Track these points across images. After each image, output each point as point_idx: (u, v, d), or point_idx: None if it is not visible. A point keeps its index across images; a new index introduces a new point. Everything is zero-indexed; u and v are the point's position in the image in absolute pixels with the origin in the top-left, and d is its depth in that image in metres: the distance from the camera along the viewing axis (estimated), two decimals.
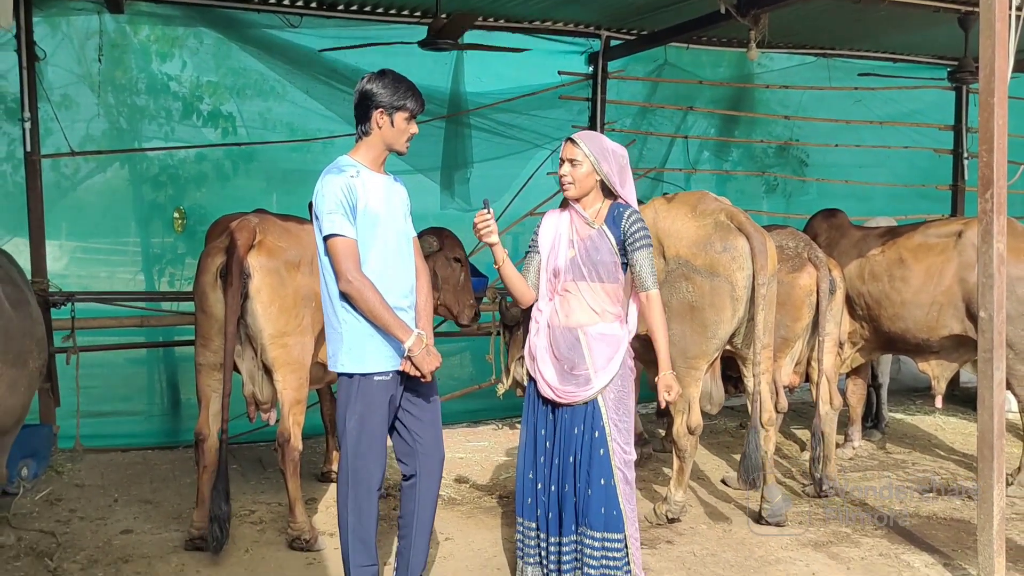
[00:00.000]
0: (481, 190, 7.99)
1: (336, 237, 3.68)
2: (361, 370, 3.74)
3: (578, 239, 4.01)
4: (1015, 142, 9.12)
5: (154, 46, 7.09)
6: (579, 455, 3.94)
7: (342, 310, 3.76)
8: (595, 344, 3.96)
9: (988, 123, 4.32)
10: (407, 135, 3.84)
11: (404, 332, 3.70)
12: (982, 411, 4.43)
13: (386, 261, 3.78)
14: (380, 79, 3.78)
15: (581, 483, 3.93)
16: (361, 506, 3.81)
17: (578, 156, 3.97)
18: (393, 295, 3.76)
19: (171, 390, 7.20)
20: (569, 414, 3.98)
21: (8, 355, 4.41)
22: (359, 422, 3.76)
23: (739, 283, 4.90)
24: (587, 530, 3.93)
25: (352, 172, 3.74)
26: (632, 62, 8.38)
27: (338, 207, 3.68)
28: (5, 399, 4.48)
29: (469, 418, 7.82)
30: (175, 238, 7.25)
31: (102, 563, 4.60)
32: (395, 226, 3.85)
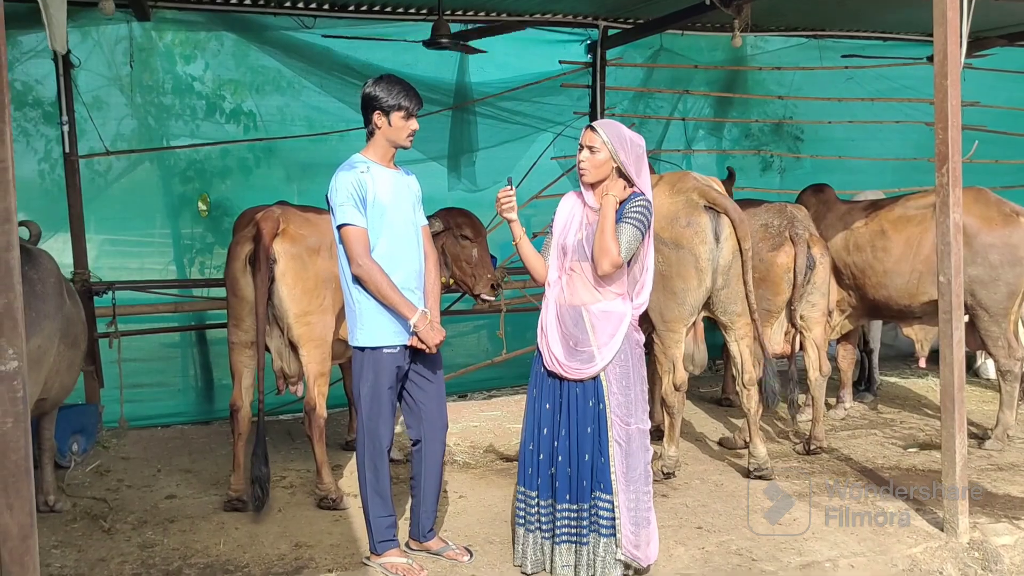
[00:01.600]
0: (486, 172, 8.41)
1: (348, 226, 4.16)
2: (372, 344, 4.24)
3: (587, 223, 4.24)
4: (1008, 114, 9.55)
5: (178, 49, 7.51)
6: (593, 426, 4.20)
7: (355, 291, 4.25)
8: (597, 321, 4.20)
9: (943, 103, 4.70)
10: (407, 131, 4.29)
11: (409, 310, 4.18)
12: (944, 367, 4.84)
13: (394, 247, 4.25)
14: (378, 83, 4.24)
15: (595, 452, 4.20)
16: (376, 463, 4.31)
17: (596, 143, 4.15)
18: (401, 277, 4.23)
19: (204, 370, 7.67)
20: (580, 388, 4.21)
21: (68, 339, 4.97)
22: (371, 389, 4.26)
23: (702, 255, 5.33)
24: (601, 494, 4.20)
25: (363, 168, 4.22)
26: (629, 49, 8.74)
27: (349, 199, 4.16)
28: (64, 376, 5.04)
29: (484, 386, 8.31)
30: (203, 229, 7.68)
31: (151, 523, 5.11)
32: (403, 216, 4.32)
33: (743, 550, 4.68)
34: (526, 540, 4.37)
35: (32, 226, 5.63)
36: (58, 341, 4.85)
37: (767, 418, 7.00)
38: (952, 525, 4.81)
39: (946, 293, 4.78)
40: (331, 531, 4.96)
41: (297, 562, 4.56)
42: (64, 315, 4.92)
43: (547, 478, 4.29)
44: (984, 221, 6.23)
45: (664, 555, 4.59)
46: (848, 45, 9.40)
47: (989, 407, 7.28)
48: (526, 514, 4.37)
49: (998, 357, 6.37)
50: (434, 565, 4.48)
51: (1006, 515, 5.10)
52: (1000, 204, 6.36)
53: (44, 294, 4.76)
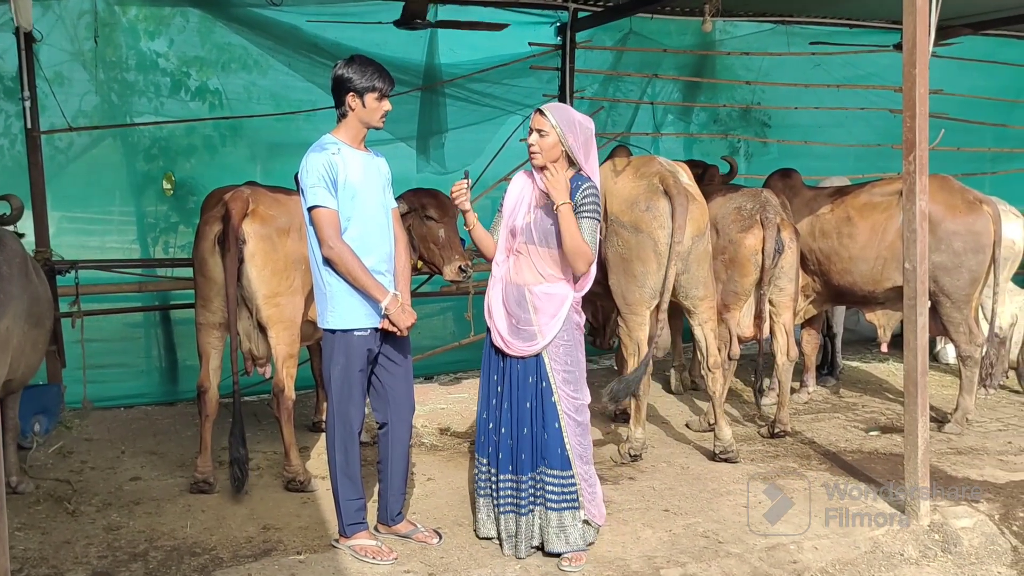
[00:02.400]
0: (455, 154, 8.38)
1: (318, 208, 4.14)
2: (343, 326, 4.23)
3: (535, 205, 4.35)
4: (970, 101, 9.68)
5: (142, 25, 7.38)
6: (533, 402, 4.34)
7: (326, 273, 4.22)
8: (539, 302, 4.31)
9: (911, 92, 4.75)
10: (380, 112, 4.27)
11: (381, 293, 4.17)
12: (907, 352, 4.91)
13: (365, 229, 4.23)
14: (350, 64, 4.22)
15: (537, 427, 4.33)
16: (347, 446, 4.31)
17: (545, 127, 4.24)
18: (372, 260, 4.22)
19: (168, 351, 7.59)
20: (521, 365, 4.35)
21: (33, 319, 4.91)
22: (342, 372, 4.25)
23: (661, 240, 5.37)
24: (546, 469, 4.33)
25: (333, 150, 4.19)
26: (599, 32, 8.74)
27: (320, 181, 4.13)
28: (30, 356, 4.99)
29: (451, 368, 8.30)
30: (168, 207, 7.58)
31: (115, 505, 5.06)
32: (374, 198, 4.29)
33: (710, 532, 4.74)
34: (487, 507, 4.53)
35: (14, 200, 5.55)
36: (23, 322, 4.78)
37: (732, 401, 7.08)
38: (913, 508, 4.90)
39: (911, 280, 4.85)
40: (299, 513, 4.95)
41: (265, 544, 4.54)
42: (30, 295, 4.85)
43: (496, 448, 4.43)
44: (948, 209, 6.32)
45: (631, 538, 4.65)
46: (816, 32, 9.46)
47: (949, 391, 7.41)
48: (479, 481, 4.54)
49: (959, 343, 6.47)
50: (403, 548, 4.49)
51: (965, 498, 5.19)
52: (964, 192, 6.45)
53: (10, 275, 4.69)
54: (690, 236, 5.43)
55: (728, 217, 6.23)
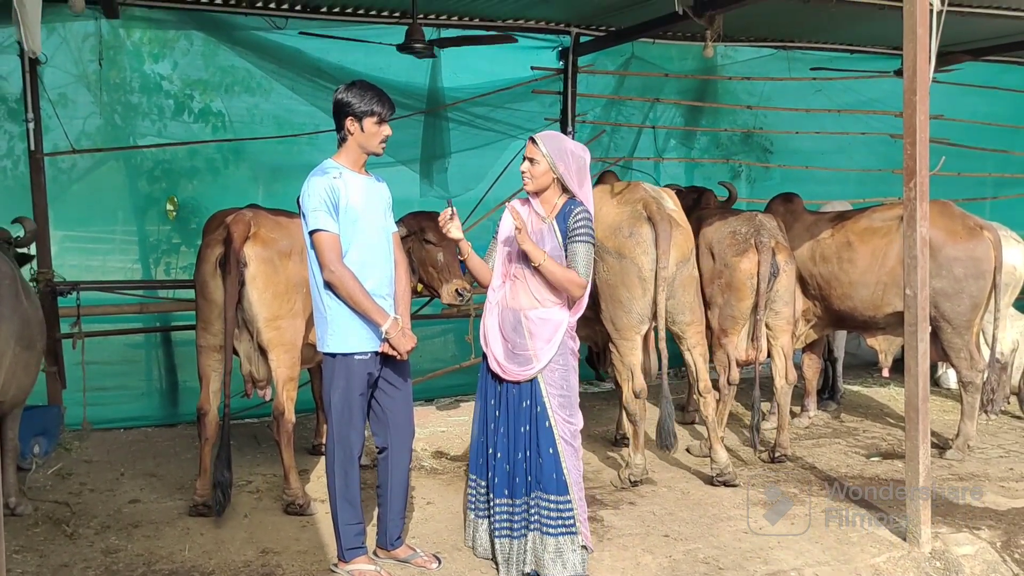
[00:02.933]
0: (458, 179, 8.42)
1: (320, 232, 4.15)
2: (343, 350, 4.23)
3: (531, 231, 4.38)
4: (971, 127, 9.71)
5: (147, 48, 7.44)
6: (528, 427, 4.36)
7: (327, 297, 4.23)
8: (535, 327, 4.34)
9: (911, 118, 4.76)
10: (379, 137, 4.28)
11: (381, 316, 4.18)
12: (909, 379, 4.91)
13: (366, 253, 4.24)
14: (350, 89, 4.24)
15: (532, 452, 4.34)
16: (346, 470, 4.30)
17: (536, 155, 4.33)
18: (373, 283, 4.23)
19: (169, 372, 7.59)
20: (516, 390, 4.38)
21: (24, 341, 4.91)
22: (342, 396, 4.25)
23: (644, 265, 5.40)
24: (542, 494, 4.33)
25: (335, 174, 4.21)
26: (601, 57, 8.79)
27: (321, 205, 4.14)
28: (21, 378, 4.98)
29: (451, 392, 8.27)
30: (170, 228, 7.61)
31: (114, 528, 5.04)
32: (375, 222, 4.31)
33: (710, 559, 4.71)
34: (477, 525, 4.58)
35: (27, 222, 5.59)
36: (14, 343, 4.79)
37: (732, 425, 7.06)
38: (914, 535, 4.88)
39: (912, 306, 4.85)
40: (298, 537, 4.93)
41: (264, 568, 4.52)
42: (20, 317, 4.87)
43: (494, 472, 4.46)
44: (949, 234, 6.32)
45: (631, 563, 4.63)
46: (816, 57, 9.51)
47: (950, 417, 7.39)
48: (476, 501, 4.57)
49: (960, 369, 6.46)
50: (402, 572, 4.47)
51: (967, 525, 5.17)
52: (964, 218, 6.46)
53: (0, 297, 4.70)
54: (675, 262, 5.46)
55: (723, 241, 6.25)
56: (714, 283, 6.26)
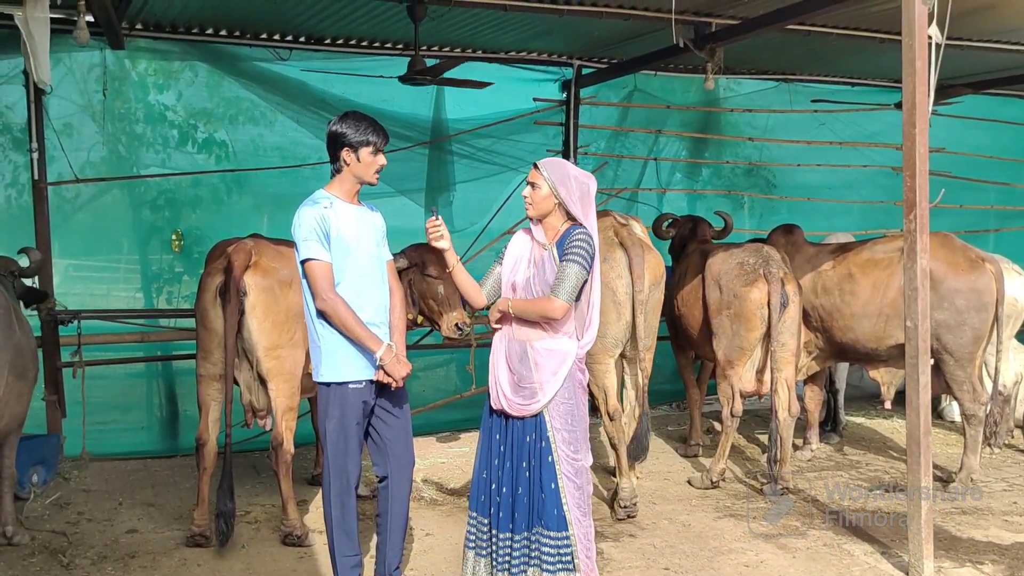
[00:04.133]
0: (463, 212, 8.44)
1: (311, 261, 4.13)
2: (337, 379, 4.20)
3: (534, 260, 4.31)
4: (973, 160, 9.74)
5: (151, 78, 7.50)
6: (532, 461, 4.26)
7: (320, 326, 4.20)
8: (541, 358, 4.24)
9: (911, 151, 4.78)
10: (375, 167, 4.28)
11: (375, 343, 4.15)
12: (910, 412, 4.89)
13: (358, 282, 4.22)
14: (344, 120, 4.24)
15: (534, 487, 4.25)
16: (343, 501, 4.26)
17: (538, 180, 4.26)
18: (367, 312, 4.20)
19: (169, 402, 7.59)
20: (520, 424, 4.28)
21: (17, 369, 4.92)
22: (337, 425, 4.21)
23: (619, 290, 5.52)
24: (543, 530, 4.24)
25: (326, 203, 4.19)
26: (603, 88, 8.83)
27: (312, 234, 4.13)
28: (14, 407, 4.99)
29: (452, 427, 8.18)
30: (172, 257, 7.63)
31: (111, 559, 5.01)
32: (367, 251, 4.29)
33: None
34: (477, 564, 4.44)
35: (32, 253, 5.61)
36: (7, 373, 4.79)
37: (734, 458, 7.03)
38: (917, 569, 4.83)
39: (913, 338, 4.83)
40: (296, 568, 4.90)
41: None
42: (13, 346, 4.88)
43: (497, 507, 4.35)
44: (950, 267, 6.32)
45: None
46: (818, 90, 9.55)
47: (953, 450, 7.34)
48: (477, 539, 4.43)
49: (963, 401, 6.43)
50: None
51: (970, 559, 5.12)
52: (966, 250, 6.45)
53: None
54: (648, 285, 5.59)
55: (731, 272, 6.25)
56: (721, 314, 6.25)
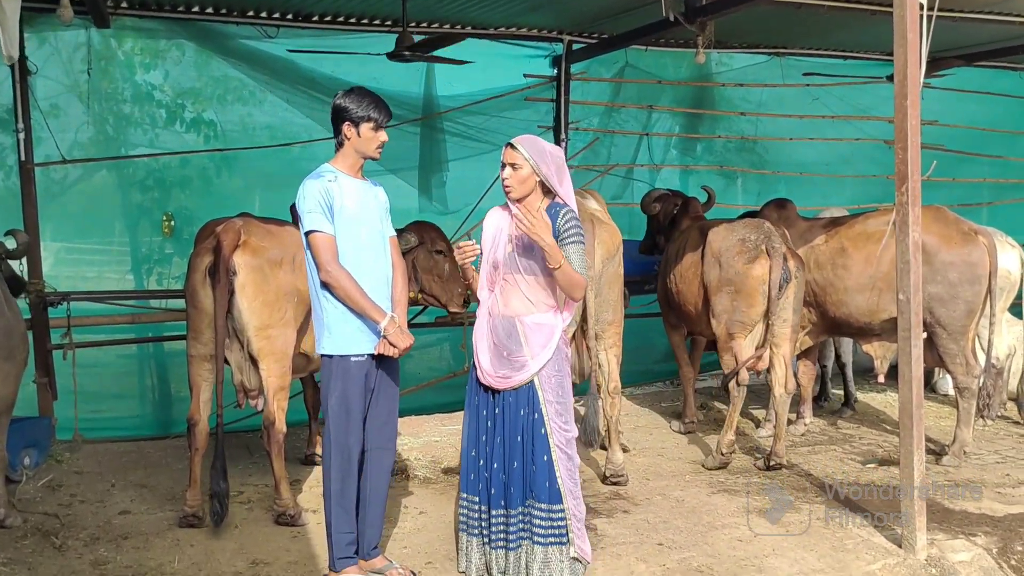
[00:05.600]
0: (458, 193, 8.42)
1: (315, 233, 4.17)
2: (340, 352, 4.22)
3: (516, 235, 4.31)
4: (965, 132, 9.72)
5: (138, 57, 7.45)
6: (524, 435, 4.28)
7: (323, 299, 4.23)
8: (530, 332, 4.28)
9: (902, 123, 4.74)
10: (376, 143, 4.29)
11: (379, 314, 4.18)
12: (902, 384, 4.88)
13: (361, 255, 4.24)
14: (348, 95, 4.26)
15: (527, 460, 4.27)
16: (344, 475, 4.26)
17: (518, 160, 4.22)
18: (368, 287, 4.21)
19: (161, 383, 7.57)
20: (513, 397, 4.29)
21: (4, 351, 4.88)
22: (340, 399, 4.23)
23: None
24: (535, 503, 4.27)
25: (330, 177, 4.22)
26: (595, 64, 8.78)
27: (316, 207, 4.16)
28: (2, 389, 4.96)
29: (447, 410, 8.18)
30: (162, 239, 7.59)
31: (103, 540, 4.99)
32: (370, 225, 4.31)
33: (704, 567, 4.67)
34: (470, 545, 4.45)
35: (19, 235, 5.56)
36: None
37: None
38: (910, 542, 4.84)
39: (905, 311, 4.82)
40: (289, 548, 4.89)
41: None
42: (1, 327, 4.83)
43: (487, 484, 4.37)
44: (943, 239, 6.30)
45: (625, 572, 4.59)
46: (810, 63, 9.50)
47: (946, 423, 7.35)
48: (468, 519, 4.45)
49: (956, 374, 6.43)
50: None
51: (963, 531, 5.14)
52: (959, 223, 6.44)
53: None
54: (600, 259, 5.49)
55: (732, 249, 6.22)
56: (722, 291, 6.23)
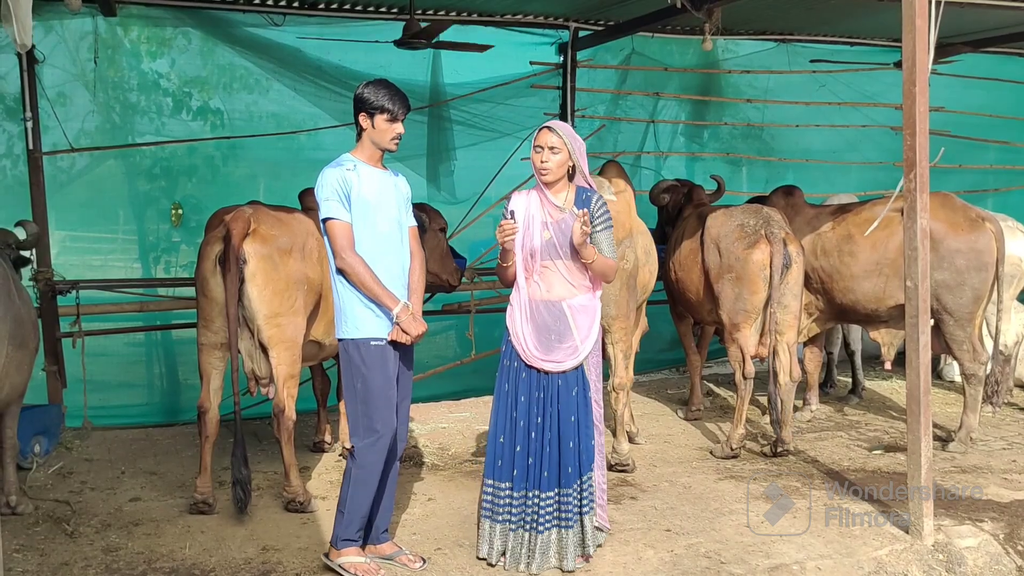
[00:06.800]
0: (466, 182, 8.42)
1: (332, 220, 4.21)
2: (358, 336, 4.26)
3: (552, 221, 4.39)
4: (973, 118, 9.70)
5: (144, 46, 7.44)
6: (577, 413, 4.38)
7: (340, 284, 4.28)
8: (578, 316, 4.39)
9: (911, 110, 4.73)
10: (391, 134, 4.31)
11: (392, 301, 4.21)
12: (910, 371, 4.88)
13: (377, 245, 4.27)
14: (368, 86, 4.31)
15: (572, 438, 4.36)
16: (375, 459, 4.28)
17: (557, 144, 4.33)
18: (385, 273, 4.25)
19: (169, 371, 7.60)
20: (563, 380, 4.38)
21: (16, 339, 4.92)
22: (364, 382, 4.26)
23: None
24: (590, 475, 4.43)
25: (349, 166, 4.27)
26: (601, 51, 8.76)
27: (333, 194, 4.21)
28: (14, 377, 4.99)
29: (453, 398, 8.20)
30: (169, 227, 7.60)
31: (114, 527, 5.03)
32: (389, 214, 4.34)
33: (712, 553, 4.69)
34: (493, 531, 4.47)
35: (28, 226, 5.59)
36: (7, 343, 4.79)
37: None
38: (917, 528, 4.86)
39: (913, 298, 4.82)
40: (299, 534, 4.92)
41: (264, 566, 4.51)
42: (13, 316, 4.87)
43: (523, 469, 4.40)
44: (950, 226, 6.30)
45: (633, 558, 4.61)
46: (817, 50, 9.47)
47: (953, 409, 7.37)
48: (494, 505, 4.47)
49: (963, 361, 6.43)
50: (386, 569, 4.41)
51: (969, 517, 5.15)
52: (966, 209, 6.43)
53: None
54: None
55: (731, 235, 6.21)
56: (723, 278, 6.23)
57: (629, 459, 5.95)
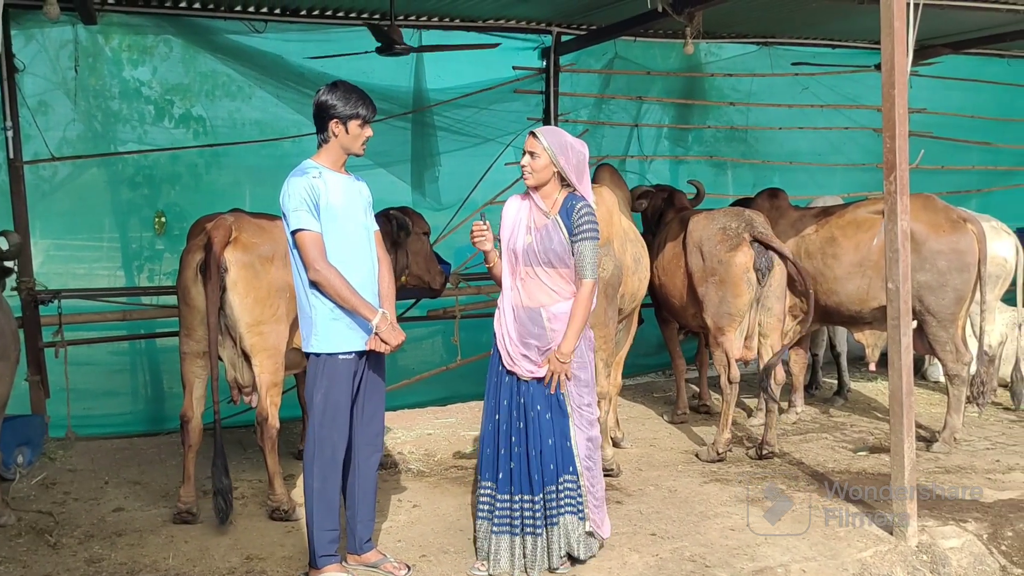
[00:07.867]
0: (450, 187, 8.41)
1: (302, 231, 4.14)
2: (328, 350, 4.21)
3: (535, 227, 4.42)
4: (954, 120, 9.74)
5: (125, 54, 7.40)
6: (552, 414, 4.40)
7: (312, 296, 4.21)
8: (557, 322, 4.38)
9: (890, 112, 4.76)
10: (362, 139, 4.29)
11: (370, 311, 4.17)
12: (892, 373, 4.90)
13: (347, 252, 4.23)
14: (334, 91, 4.23)
15: (558, 440, 4.39)
16: (326, 473, 4.27)
17: (537, 149, 4.38)
18: (356, 281, 4.21)
19: (153, 380, 7.55)
20: (538, 385, 4.41)
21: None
22: (324, 396, 4.23)
23: None
24: (568, 476, 4.41)
25: (315, 173, 4.20)
26: (584, 56, 8.77)
27: (302, 204, 4.14)
28: None
29: (438, 404, 8.18)
30: (152, 235, 7.57)
31: (98, 537, 5.00)
32: (356, 220, 4.30)
33: (697, 556, 4.69)
34: (487, 534, 4.49)
35: (11, 236, 5.55)
36: None
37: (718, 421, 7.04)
38: (901, 529, 4.87)
39: (894, 299, 4.84)
40: (283, 543, 4.90)
41: (248, 575, 4.49)
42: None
43: (507, 472, 4.44)
44: (932, 227, 6.32)
45: (618, 563, 4.60)
46: (799, 53, 9.49)
47: (936, 410, 7.39)
48: (490, 508, 4.50)
49: (946, 362, 6.45)
50: None
51: (953, 517, 5.17)
52: (948, 210, 6.45)
53: None
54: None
55: (713, 238, 6.22)
56: (707, 282, 6.23)
57: (614, 463, 5.94)
